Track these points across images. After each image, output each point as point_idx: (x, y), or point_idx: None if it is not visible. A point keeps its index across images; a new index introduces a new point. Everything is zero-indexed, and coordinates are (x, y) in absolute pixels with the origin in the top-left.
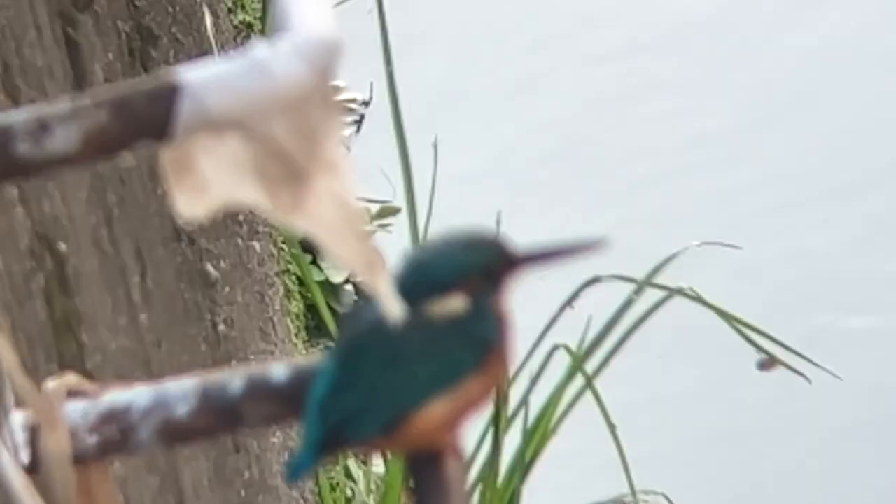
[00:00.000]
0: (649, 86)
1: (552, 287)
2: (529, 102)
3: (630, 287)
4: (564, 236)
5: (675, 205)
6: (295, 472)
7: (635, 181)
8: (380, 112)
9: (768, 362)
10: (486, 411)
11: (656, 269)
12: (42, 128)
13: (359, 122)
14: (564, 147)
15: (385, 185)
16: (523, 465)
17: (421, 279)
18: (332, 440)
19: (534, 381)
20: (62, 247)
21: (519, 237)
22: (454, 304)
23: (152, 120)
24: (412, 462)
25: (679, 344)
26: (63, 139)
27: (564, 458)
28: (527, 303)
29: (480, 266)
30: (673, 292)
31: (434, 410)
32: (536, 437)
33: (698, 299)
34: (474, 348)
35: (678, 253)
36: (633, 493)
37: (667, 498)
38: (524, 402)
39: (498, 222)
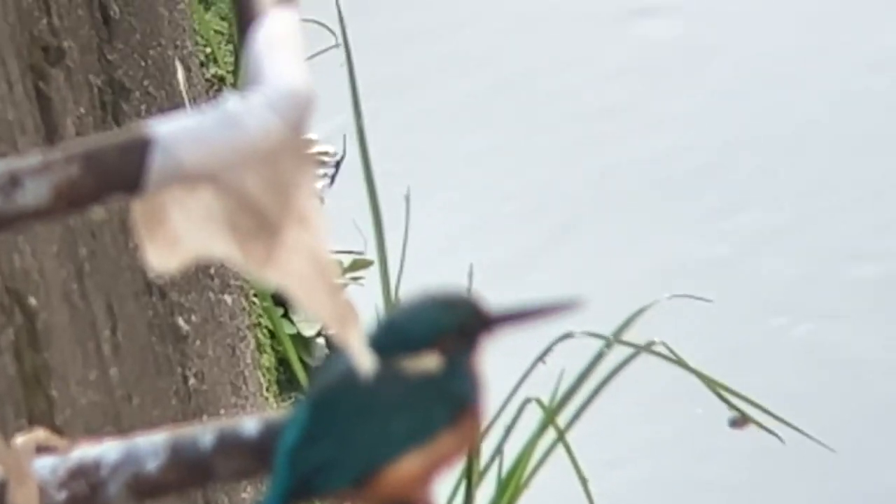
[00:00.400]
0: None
1: (524, 341)
2: (506, 160)
3: (601, 342)
4: (538, 293)
5: (650, 260)
6: None
7: (608, 237)
8: (354, 165)
9: (740, 420)
10: (459, 465)
11: (626, 324)
12: (13, 182)
13: (332, 175)
14: (539, 205)
15: (357, 237)
16: None
17: (394, 337)
18: (300, 490)
19: (506, 434)
20: (32, 301)
21: (491, 293)
22: (427, 361)
23: (124, 173)
24: None
25: (652, 397)
26: (34, 193)
27: None
28: (499, 357)
29: (454, 326)
30: (641, 349)
31: (406, 465)
32: (509, 491)
33: (667, 356)
34: (448, 404)
35: (648, 307)
36: None
37: None
38: (497, 455)
39: (470, 276)
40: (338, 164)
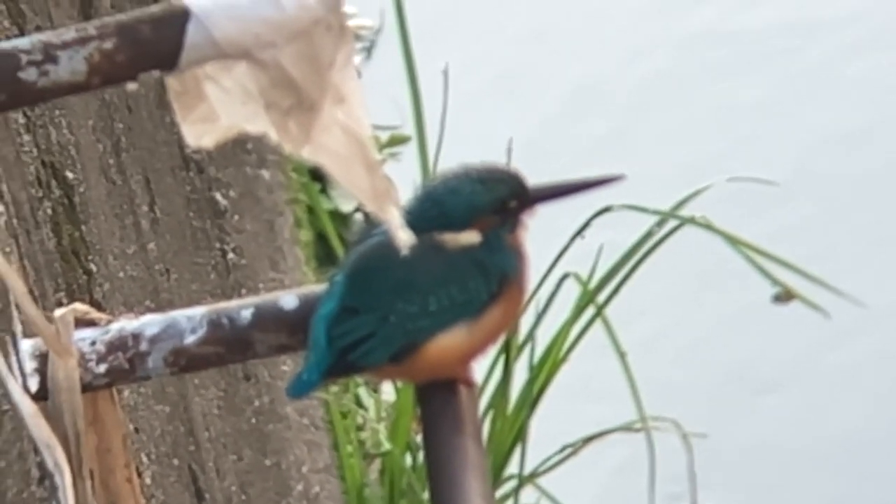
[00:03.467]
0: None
1: (563, 216)
2: (549, 41)
3: (641, 217)
4: (576, 170)
5: (705, 139)
6: (299, 388)
7: (645, 110)
8: (391, 38)
9: (784, 295)
10: (499, 341)
11: (681, 203)
12: (47, 56)
13: (369, 49)
14: (581, 84)
15: (395, 112)
16: (533, 394)
17: (433, 212)
18: (339, 365)
19: (544, 309)
20: (69, 175)
21: (529, 168)
22: (467, 236)
23: (159, 48)
24: (423, 390)
25: (693, 274)
26: (68, 67)
27: (574, 386)
28: (537, 232)
29: (494, 202)
30: (685, 221)
31: (447, 341)
32: (547, 365)
33: (710, 228)
34: (489, 279)
35: (704, 188)
36: (644, 419)
37: (676, 424)
38: (534, 329)
39: (509, 152)
40: (375, 38)
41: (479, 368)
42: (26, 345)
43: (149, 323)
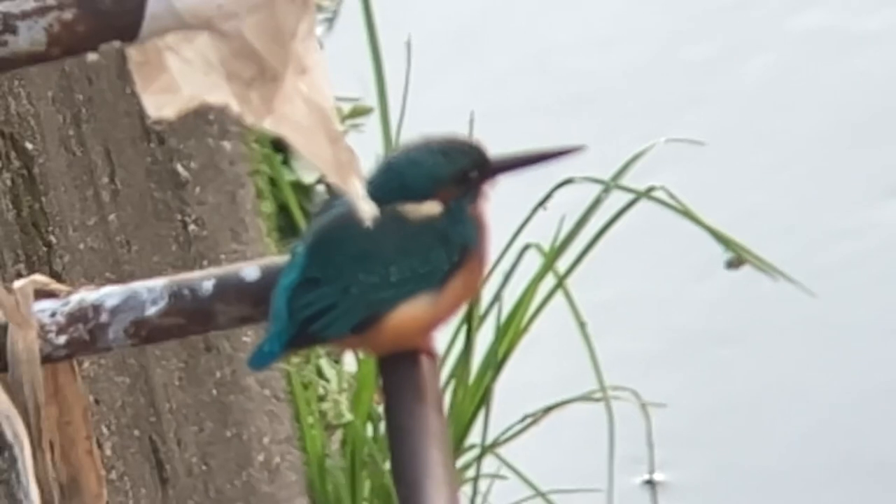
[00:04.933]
0: None
1: (525, 187)
2: (513, 13)
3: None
4: (539, 137)
5: (652, 105)
6: (260, 360)
7: (609, 81)
8: (354, 9)
9: (736, 260)
10: (461, 312)
11: (624, 168)
12: (7, 25)
13: (331, 20)
14: (543, 58)
15: (358, 84)
16: (495, 363)
17: (394, 184)
18: (301, 336)
19: (506, 279)
20: (29, 146)
21: (492, 140)
22: (428, 207)
23: (119, 18)
24: (384, 361)
25: (651, 243)
26: (28, 37)
27: (536, 356)
28: (499, 203)
29: (455, 172)
30: (641, 194)
31: (408, 311)
32: (508, 335)
33: (666, 201)
34: (451, 250)
35: (645, 151)
36: (604, 389)
37: (636, 394)
38: (496, 300)
39: (471, 124)
40: (337, 8)
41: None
42: None
43: (109, 294)
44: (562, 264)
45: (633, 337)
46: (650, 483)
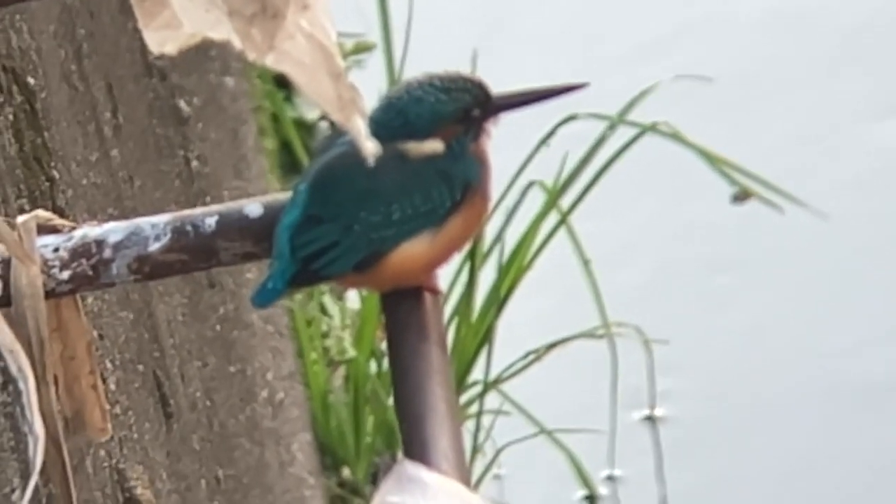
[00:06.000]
0: None
1: (528, 124)
2: None
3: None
4: (542, 73)
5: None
6: (264, 297)
7: (613, 19)
8: None
9: (741, 195)
10: (463, 249)
11: (631, 105)
12: None
13: None
14: None
15: (361, 19)
16: (498, 300)
17: (396, 121)
18: (303, 273)
19: (509, 217)
20: (31, 81)
21: (494, 77)
22: (430, 145)
23: None
24: (387, 298)
25: (656, 179)
26: None
27: (539, 292)
28: (502, 140)
29: (458, 111)
30: (646, 128)
31: (411, 249)
32: (511, 272)
33: (671, 135)
34: (453, 188)
35: (651, 88)
36: (607, 325)
37: (639, 330)
38: (499, 237)
39: (474, 60)
40: None
41: (444, 276)
42: None
43: (112, 230)
44: (565, 201)
45: (638, 272)
46: (650, 419)
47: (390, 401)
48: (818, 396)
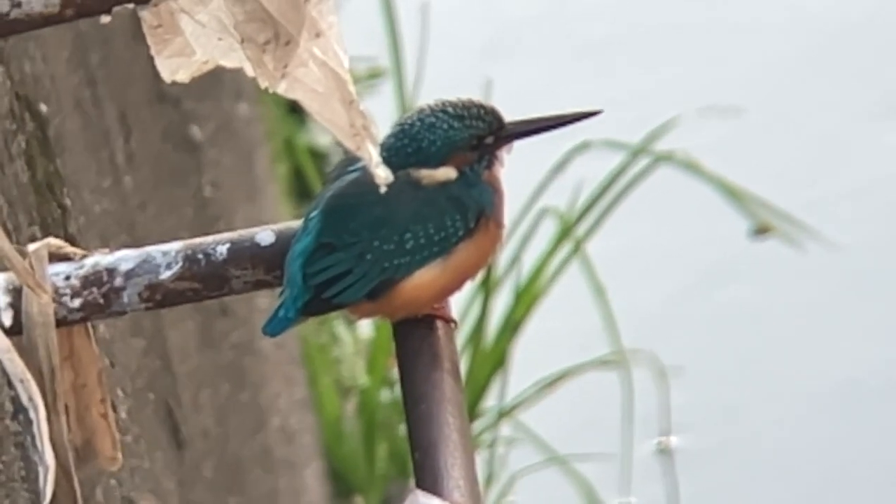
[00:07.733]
0: None
1: (542, 151)
2: None
3: (622, 153)
4: (555, 100)
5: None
6: (276, 326)
7: (632, 50)
8: None
9: (761, 229)
10: (476, 277)
11: (651, 137)
12: None
13: None
14: (561, 21)
15: (374, 45)
16: (512, 328)
17: (409, 149)
18: (315, 301)
19: (523, 244)
20: (43, 108)
21: (508, 105)
22: (443, 173)
23: None
24: (400, 327)
25: (672, 207)
26: None
27: (553, 320)
28: (517, 168)
29: (471, 138)
30: (661, 157)
31: (423, 277)
32: (525, 299)
33: (688, 164)
34: (466, 216)
35: (673, 119)
36: (621, 352)
37: (654, 357)
38: (514, 265)
39: (487, 88)
40: None
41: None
42: (0, 279)
43: (124, 258)
44: (580, 229)
45: (653, 297)
46: (664, 447)
47: (402, 429)
48: (835, 426)
